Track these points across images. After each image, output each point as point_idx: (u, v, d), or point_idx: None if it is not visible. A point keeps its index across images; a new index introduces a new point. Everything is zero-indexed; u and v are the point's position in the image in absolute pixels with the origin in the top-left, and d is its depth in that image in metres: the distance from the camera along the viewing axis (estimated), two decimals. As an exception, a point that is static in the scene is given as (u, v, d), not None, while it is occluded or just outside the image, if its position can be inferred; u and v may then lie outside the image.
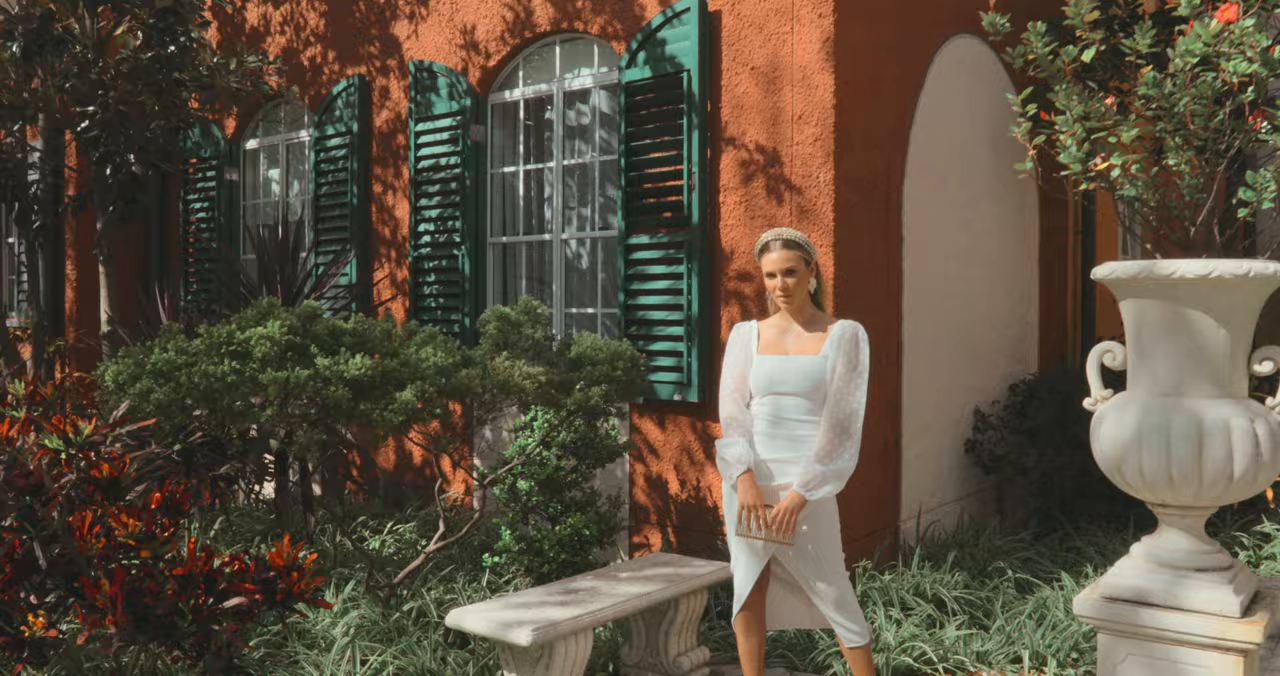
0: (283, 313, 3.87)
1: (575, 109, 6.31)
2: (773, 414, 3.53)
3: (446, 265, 6.63)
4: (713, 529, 5.50)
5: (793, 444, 3.50)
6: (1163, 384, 2.88)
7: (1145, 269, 2.79)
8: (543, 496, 5.08)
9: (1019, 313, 7.19)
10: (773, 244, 3.57)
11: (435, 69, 6.65)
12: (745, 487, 3.45)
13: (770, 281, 3.58)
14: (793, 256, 3.53)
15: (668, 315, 5.56)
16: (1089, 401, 3.17)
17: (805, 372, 3.49)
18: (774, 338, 3.63)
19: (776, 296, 3.57)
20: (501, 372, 4.06)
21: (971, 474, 6.49)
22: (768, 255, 3.57)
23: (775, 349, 3.60)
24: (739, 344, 3.69)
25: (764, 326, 3.69)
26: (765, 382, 3.55)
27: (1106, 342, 3.12)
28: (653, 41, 5.58)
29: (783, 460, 3.51)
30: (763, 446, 3.54)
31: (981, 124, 6.61)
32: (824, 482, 3.39)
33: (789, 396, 3.51)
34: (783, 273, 3.53)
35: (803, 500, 3.38)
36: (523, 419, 5.26)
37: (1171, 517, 3.00)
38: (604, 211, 6.16)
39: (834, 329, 3.55)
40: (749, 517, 3.42)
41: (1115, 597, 2.96)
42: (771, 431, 3.53)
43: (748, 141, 5.31)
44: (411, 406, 3.75)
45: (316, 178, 7.44)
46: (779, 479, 3.50)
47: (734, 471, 3.49)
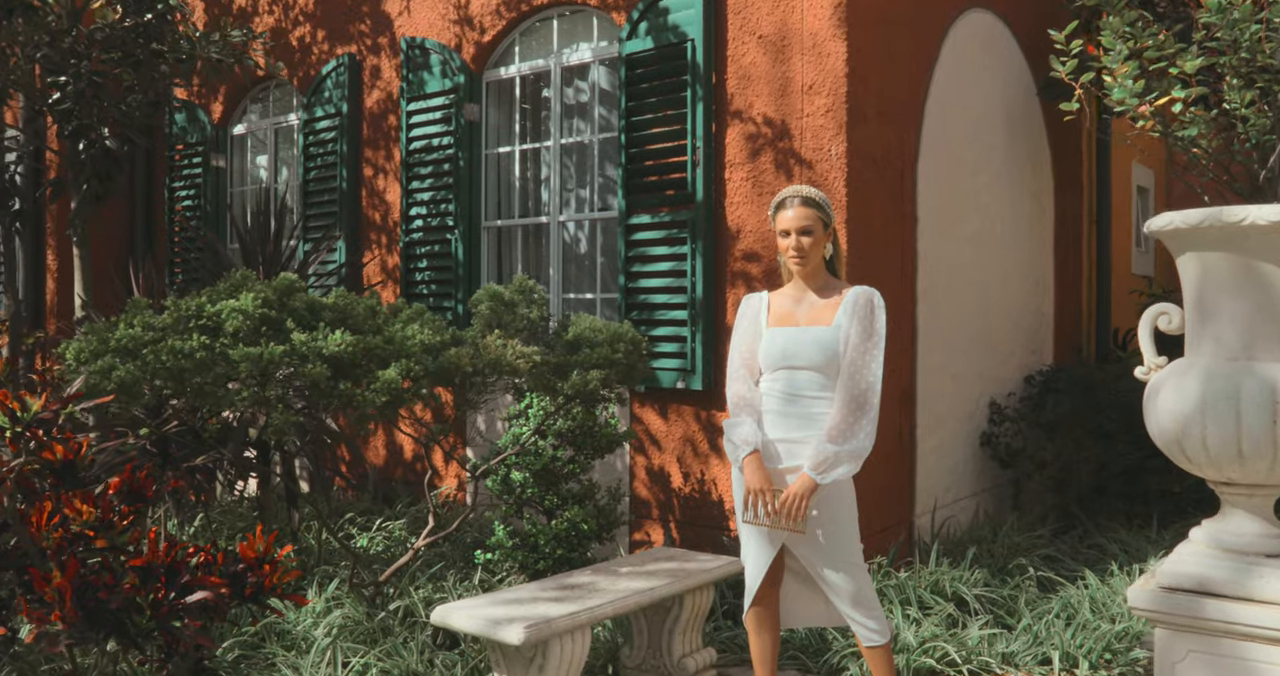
0: (258, 285, 3.59)
1: (574, 86, 6.04)
2: (785, 390, 3.24)
3: (439, 250, 6.35)
4: (718, 524, 5.22)
5: (807, 422, 3.20)
6: (1230, 346, 2.60)
7: (1211, 216, 2.51)
8: (538, 488, 4.79)
9: (1034, 303, 6.91)
10: (790, 201, 3.28)
11: (428, 46, 6.37)
12: (752, 470, 3.16)
13: (784, 241, 3.29)
14: (810, 215, 3.25)
15: (670, 298, 5.28)
16: (1141, 370, 2.88)
17: (819, 344, 3.20)
18: (786, 308, 3.34)
19: (790, 258, 3.28)
20: (493, 351, 3.77)
21: (988, 468, 6.21)
22: (783, 213, 3.29)
23: (787, 320, 3.31)
24: (748, 316, 3.40)
25: (775, 297, 3.40)
26: (777, 356, 3.25)
27: (1161, 304, 2.84)
28: (655, 10, 5.31)
29: (795, 440, 3.22)
30: (774, 425, 3.25)
31: (997, 103, 6.33)
32: (837, 464, 3.09)
33: (802, 370, 3.22)
34: (798, 231, 3.24)
35: (814, 483, 3.08)
36: (517, 406, 4.98)
37: (1237, 497, 2.71)
38: (604, 192, 5.88)
39: (847, 295, 3.26)
40: (756, 502, 3.14)
41: (1175, 587, 2.67)
42: (784, 409, 3.24)
43: (755, 114, 5.03)
44: (395, 386, 3.46)
45: (305, 161, 7.16)
46: (789, 460, 3.21)
47: (740, 452, 3.20)
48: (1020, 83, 6.62)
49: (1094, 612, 4.50)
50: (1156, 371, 2.83)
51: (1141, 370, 2.89)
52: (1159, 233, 2.70)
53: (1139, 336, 2.85)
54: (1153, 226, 2.71)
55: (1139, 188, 9.54)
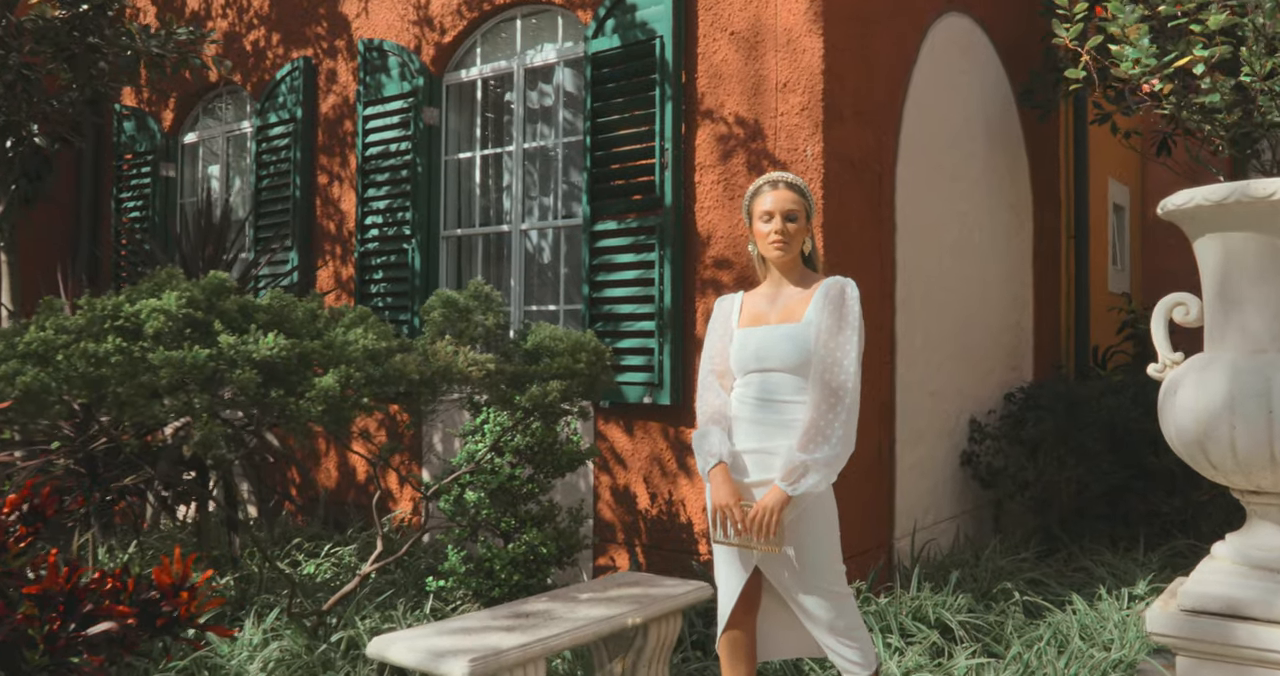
0: (183, 283, 3.28)
1: (538, 88, 5.78)
2: (758, 395, 2.94)
3: (395, 260, 6.04)
4: (687, 548, 4.92)
5: (782, 429, 2.90)
6: (1257, 338, 2.34)
7: (1238, 191, 2.25)
8: (494, 510, 4.48)
9: (1013, 317, 6.69)
10: (773, 184, 3.00)
11: (386, 47, 6.10)
12: (719, 484, 2.87)
13: (764, 226, 2.97)
14: (795, 200, 2.97)
15: (637, 309, 5.00)
16: (1155, 367, 2.62)
17: (792, 341, 2.90)
18: (759, 307, 3.05)
19: (771, 244, 2.96)
20: (443, 358, 3.47)
21: (968, 488, 5.95)
22: (762, 197, 2.99)
23: (760, 319, 3.01)
24: (719, 320, 3.12)
25: (750, 297, 3.11)
26: (748, 358, 2.96)
27: (1176, 294, 2.59)
28: (622, 7, 5.07)
29: (768, 450, 2.91)
30: (746, 435, 2.94)
31: (975, 110, 6.14)
32: (807, 473, 2.79)
33: (776, 373, 2.92)
34: (783, 215, 2.94)
35: (785, 496, 2.78)
36: (472, 422, 4.67)
37: (1268, 508, 2.43)
38: (568, 199, 5.61)
39: (822, 286, 2.97)
40: (723, 519, 2.85)
41: (1200, 610, 2.39)
42: (757, 416, 2.93)
43: (726, 114, 4.79)
44: (333, 394, 3.15)
45: (257, 170, 6.85)
46: (760, 473, 2.90)
47: (707, 464, 2.91)
48: (998, 91, 6.43)
49: (1085, 639, 4.24)
50: (1173, 368, 2.57)
51: (1155, 367, 2.63)
52: (1176, 212, 2.45)
53: (1152, 330, 2.60)
54: (1169, 205, 2.46)
55: (1115, 205, 9.40)
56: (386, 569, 5.30)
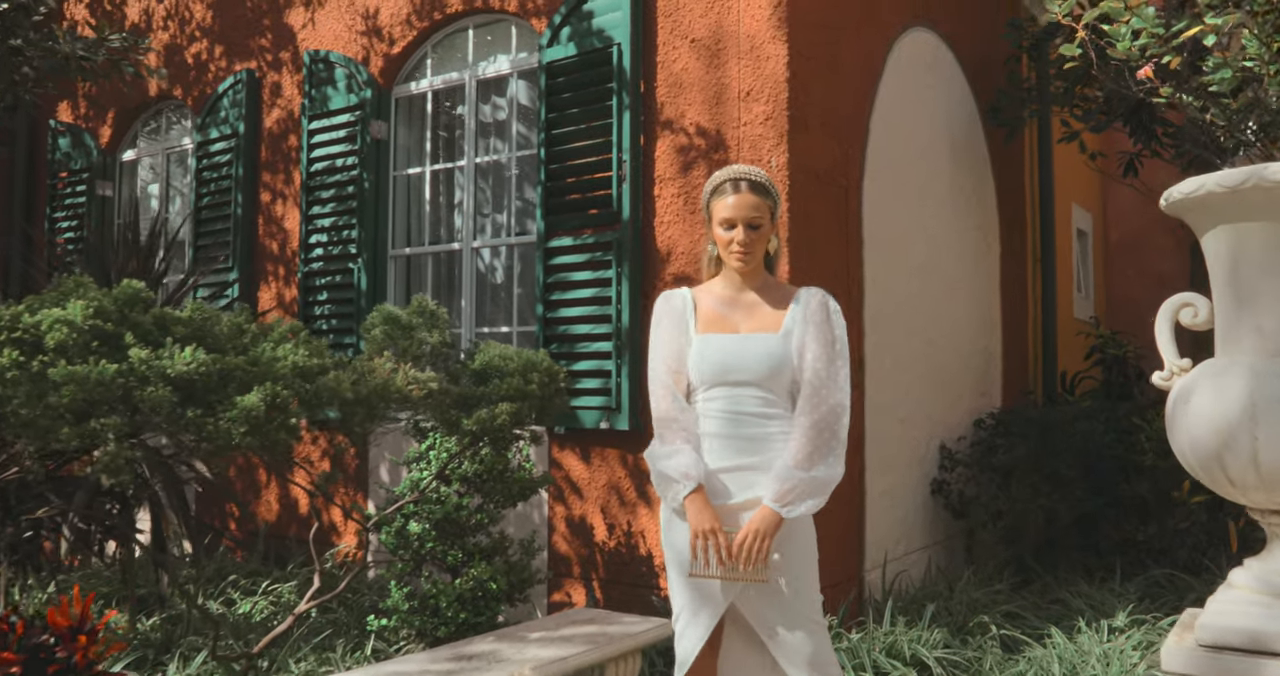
0: (93, 292, 2.98)
1: (491, 102, 5.55)
2: (727, 410, 2.67)
3: (340, 281, 5.75)
4: (647, 582, 4.64)
5: (755, 446, 2.64)
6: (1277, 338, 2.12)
7: (1254, 176, 2.05)
8: (440, 542, 4.17)
9: (982, 342, 6.52)
10: (733, 183, 2.72)
11: (333, 59, 5.85)
12: (698, 509, 2.55)
13: (723, 233, 2.71)
14: (759, 204, 2.69)
15: (594, 329, 4.75)
16: (1160, 376, 2.40)
17: (766, 355, 2.65)
18: (717, 311, 2.76)
19: (731, 255, 2.71)
20: (380, 376, 3.20)
21: (939, 517, 5.73)
22: (723, 200, 2.71)
23: (721, 325, 2.73)
24: (670, 317, 2.77)
25: (703, 296, 2.80)
26: (715, 369, 2.67)
27: (1183, 294, 2.38)
28: (578, 14, 4.86)
29: (742, 468, 2.64)
30: (717, 453, 2.65)
31: (942, 129, 5.99)
32: (805, 495, 2.54)
33: (746, 387, 2.66)
34: (745, 224, 2.67)
35: (779, 519, 2.53)
36: (418, 447, 4.38)
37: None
38: (522, 216, 5.36)
39: (798, 297, 2.74)
40: (705, 549, 2.54)
41: (1221, 645, 2.16)
42: (726, 432, 2.66)
43: (687, 124, 4.58)
44: (257, 414, 2.86)
45: (198, 187, 6.55)
46: (742, 494, 2.63)
47: (680, 490, 2.58)
48: (963, 109, 6.30)
49: (1064, 674, 4.00)
50: (1181, 375, 2.35)
51: (1161, 376, 2.41)
52: (1182, 202, 2.24)
53: (1156, 334, 2.38)
54: (1175, 195, 2.26)
55: (1078, 230, 9.32)
56: (327, 607, 4.97)
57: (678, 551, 2.67)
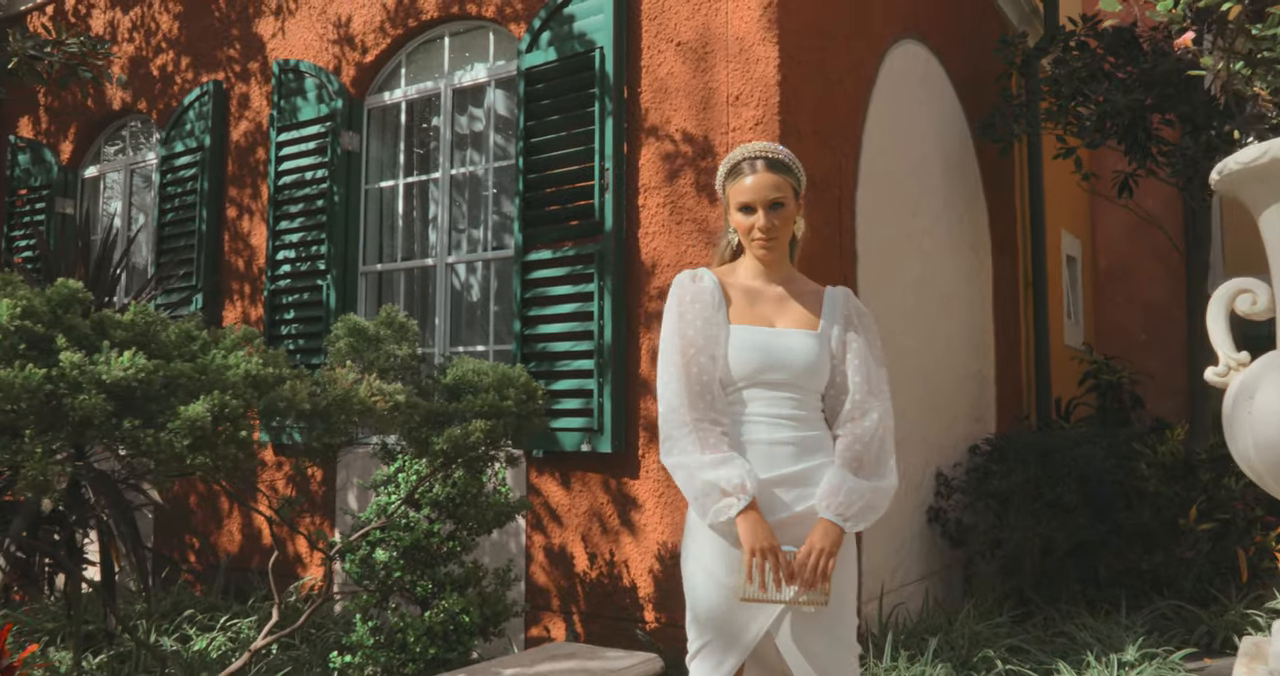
0: (22, 291, 2.71)
1: (468, 112, 5.33)
2: (764, 413, 2.34)
3: (308, 298, 5.48)
4: (630, 615, 4.35)
5: (797, 454, 2.32)
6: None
7: (1330, 139, 1.84)
8: (408, 572, 3.88)
9: (975, 365, 6.30)
10: (750, 163, 2.39)
11: (303, 68, 5.62)
12: (752, 526, 2.21)
13: (743, 219, 2.39)
14: (781, 183, 2.37)
15: (574, 346, 4.49)
16: (1214, 371, 2.16)
17: (805, 353, 2.36)
18: (745, 301, 2.42)
19: (754, 242, 2.40)
20: (341, 387, 2.93)
21: (936, 547, 5.47)
22: (739, 181, 2.39)
23: (754, 317, 2.40)
24: (700, 299, 2.39)
25: (727, 284, 2.45)
26: (752, 365, 2.34)
27: (1239, 280, 2.15)
28: (558, 18, 4.65)
29: (791, 480, 2.30)
30: (757, 462, 2.30)
31: (934, 144, 5.81)
32: (867, 508, 2.26)
33: (782, 388, 2.35)
34: (767, 206, 2.36)
35: (841, 533, 2.24)
36: (386, 470, 4.10)
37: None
38: (499, 230, 5.13)
39: (828, 294, 2.48)
40: (762, 569, 2.20)
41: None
42: (766, 437, 2.32)
43: (673, 130, 4.37)
44: (202, 425, 2.59)
45: (161, 203, 6.28)
46: (794, 507, 2.28)
47: (732, 504, 2.22)
48: (955, 126, 6.13)
49: (1079, 714, 3.75)
50: (1239, 370, 2.11)
51: (1215, 371, 2.17)
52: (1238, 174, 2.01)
53: (1209, 325, 2.15)
54: (1231, 165, 2.02)
55: (1068, 257, 9.17)
56: (289, 643, 4.65)
57: (711, 574, 2.32)
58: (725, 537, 2.29)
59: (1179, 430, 5.64)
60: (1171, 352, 9.40)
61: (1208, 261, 6.30)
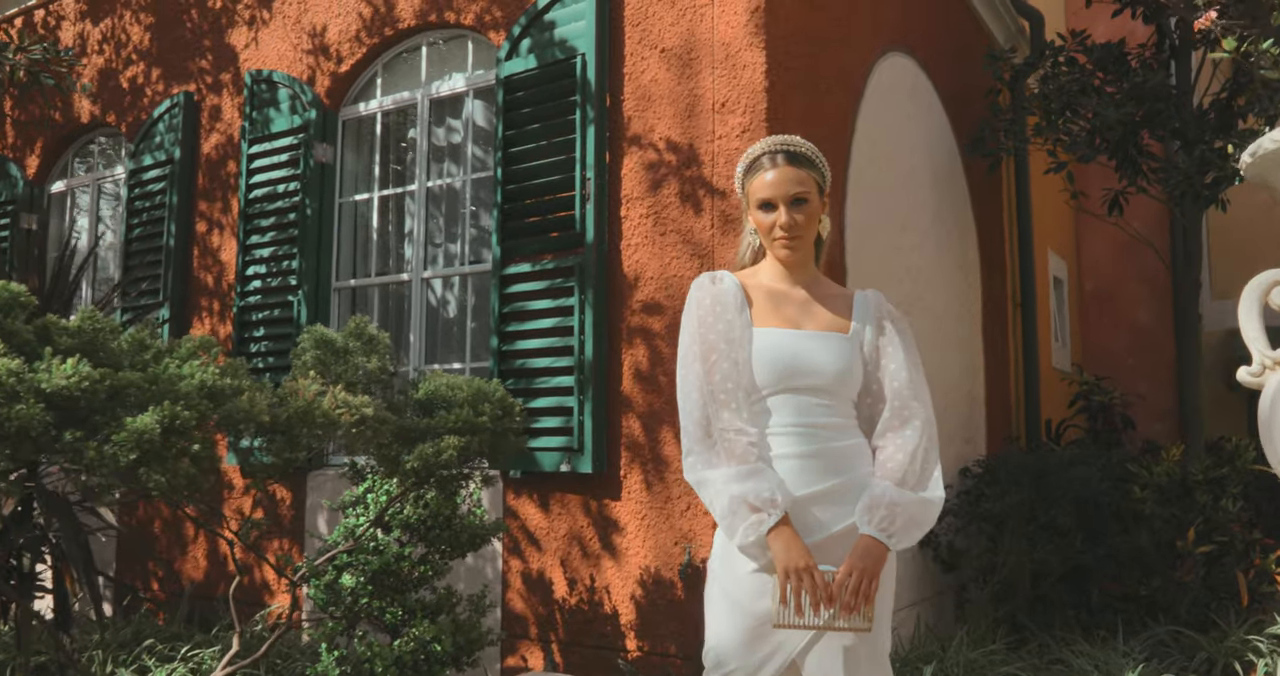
0: (-43, 297, 2.53)
1: (445, 124, 5.18)
2: (795, 422, 2.17)
3: (279, 315, 5.30)
4: (612, 644, 4.16)
5: (833, 466, 2.15)
6: None
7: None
8: (377, 597, 3.68)
9: (966, 385, 6.17)
10: (772, 157, 2.25)
11: (276, 79, 5.47)
12: (786, 544, 2.04)
13: (764, 217, 2.25)
14: (804, 178, 2.23)
15: (554, 361, 4.32)
16: (1248, 371, 2.02)
17: (837, 357, 2.22)
18: (772, 304, 2.28)
19: (776, 241, 2.25)
20: (304, 399, 2.75)
21: (928, 572, 5.30)
22: (759, 177, 2.25)
23: (780, 319, 2.25)
24: (721, 303, 2.23)
25: (750, 285, 2.31)
26: (779, 371, 2.18)
27: (1274, 271, 2.00)
28: (539, 25, 4.52)
29: (827, 495, 2.14)
30: (789, 476, 2.13)
31: (923, 159, 5.70)
32: (912, 523, 2.11)
33: (811, 394, 2.19)
34: (788, 202, 2.22)
35: (885, 551, 2.07)
36: (355, 491, 3.90)
37: None
38: (477, 244, 4.97)
39: (858, 297, 2.34)
40: (799, 592, 2.01)
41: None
42: (798, 449, 2.15)
43: (656, 139, 4.23)
44: (150, 437, 2.40)
45: (129, 217, 6.09)
46: (832, 525, 2.11)
47: (764, 520, 2.05)
48: (944, 141, 6.03)
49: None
50: (1276, 370, 1.96)
51: (1249, 371, 2.03)
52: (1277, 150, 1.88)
53: (1241, 321, 2.01)
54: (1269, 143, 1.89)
55: (1055, 278, 9.07)
56: (251, 674, 4.43)
57: (733, 600, 2.13)
58: (756, 560, 2.10)
59: (1175, 450, 5.51)
60: (1158, 376, 9.31)
61: (1198, 280, 6.19)
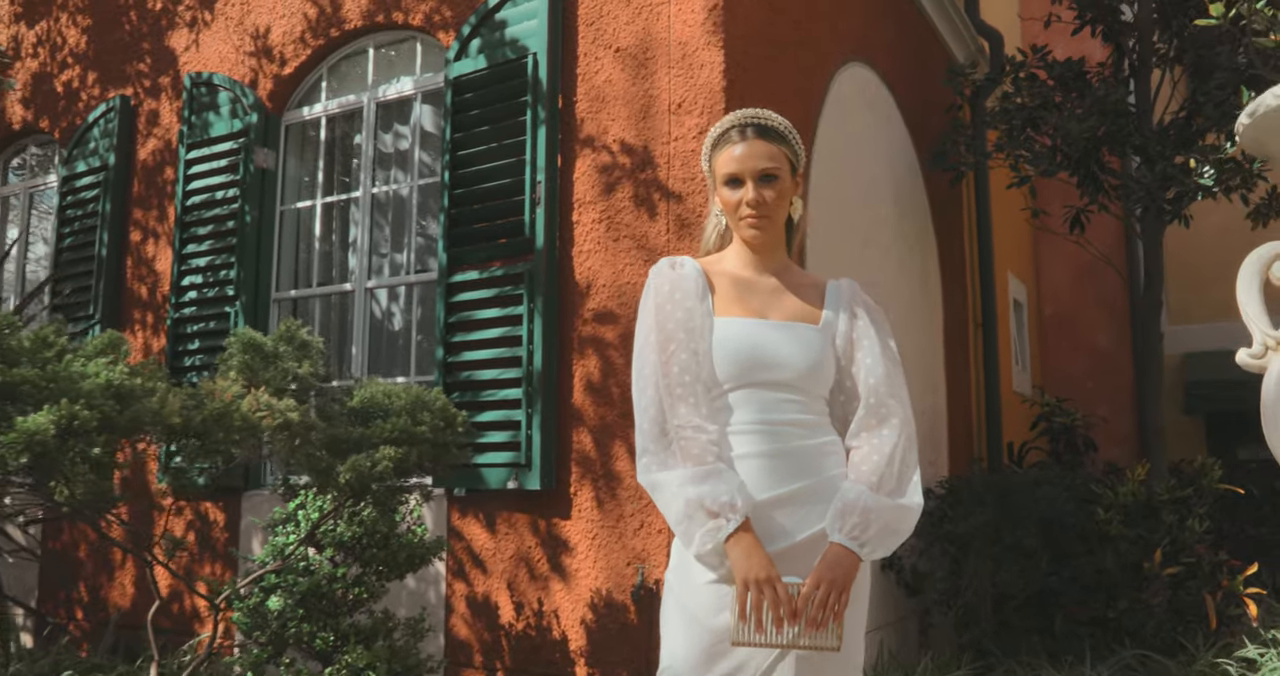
0: None
1: (392, 130, 4.99)
2: (759, 419, 1.98)
3: (215, 327, 5.05)
4: (561, 670, 3.93)
5: (801, 467, 1.95)
6: None
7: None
8: (307, 622, 3.43)
9: (927, 402, 6.03)
10: (740, 130, 2.07)
11: (216, 81, 5.25)
12: (746, 552, 1.83)
13: (730, 194, 2.06)
14: (776, 153, 2.05)
15: (501, 373, 4.12)
16: (1247, 353, 1.86)
17: (807, 347, 2.02)
18: (736, 293, 2.08)
19: (742, 221, 2.06)
20: (220, 400, 2.53)
21: (890, 595, 5.12)
22: (728, 150, 2.06)
23: (744, 308, 2.06)
24: (681, 289, 2.04)
25: (714, 273, 2.11)
26: (742, 363, 1.99)
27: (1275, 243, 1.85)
28: (489, 24, 4.36)
29: (794, 498, 1.93)
30: (753, 478, 1.93)
31: (885, 174, 5.59)
32: (888, 530, 1.91)
33: (778, 389, 2.00)
34: (756, 177, 2.03)
35: (857, 561, 1.88)
36: (285, 508, 3.66)
37: None
38: (423, 253, 4.77)
39: (831, 286, 2.15)
40: (759, 606, 1.81)
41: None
42: (763, 448, 1.95)
43: (610, 141, 4.06)
44: (43, 439, 2.17)
45: (60, 226, 5.82)
46: (798, 532, 1.91)
47: (722, 526, 1.85)
48: (904, 155, 5.93)
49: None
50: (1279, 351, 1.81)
51: (1249, 353, 1.87)
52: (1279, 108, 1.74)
53: (1239, 299, 1.85)
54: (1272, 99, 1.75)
55: (1015, 301, 9.01)
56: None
57: (690, 615, 1.93)
58: (715, 570, 1.90)
59: (1140, 470, 5.40)
60: (1118, 400, 9.27)
61: (1160, 299, 6.12)
